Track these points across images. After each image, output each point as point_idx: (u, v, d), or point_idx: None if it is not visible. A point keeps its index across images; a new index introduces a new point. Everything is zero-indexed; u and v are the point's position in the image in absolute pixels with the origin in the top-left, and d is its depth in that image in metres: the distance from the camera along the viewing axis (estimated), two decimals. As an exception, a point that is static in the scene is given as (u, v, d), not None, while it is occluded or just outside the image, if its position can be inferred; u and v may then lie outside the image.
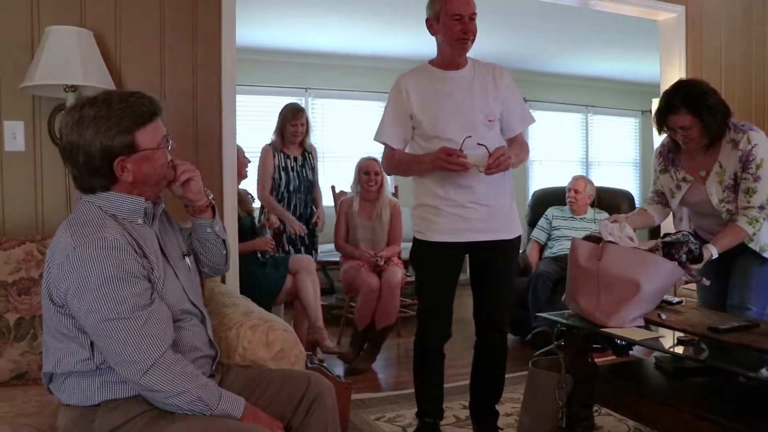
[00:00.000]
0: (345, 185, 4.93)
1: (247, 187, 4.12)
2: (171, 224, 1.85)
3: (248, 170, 3.93)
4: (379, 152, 2.73)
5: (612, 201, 4.72)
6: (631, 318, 2.24)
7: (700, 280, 2.52)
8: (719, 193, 2.52)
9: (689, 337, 2.16)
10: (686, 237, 2.37)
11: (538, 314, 3.26)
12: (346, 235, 4.34)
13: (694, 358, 2.14)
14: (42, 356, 1.67)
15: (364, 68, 6.81)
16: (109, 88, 2.38)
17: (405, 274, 4.29)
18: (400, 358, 4.28)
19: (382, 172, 4.20)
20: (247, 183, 4.06)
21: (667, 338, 2.26)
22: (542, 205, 4.82)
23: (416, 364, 2.65)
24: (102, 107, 1.58)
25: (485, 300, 2.61)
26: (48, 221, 2.64)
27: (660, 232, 3.60)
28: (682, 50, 4.21)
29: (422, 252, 2.58)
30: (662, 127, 2.52)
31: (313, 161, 4.30)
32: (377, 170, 4.21)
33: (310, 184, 4.27)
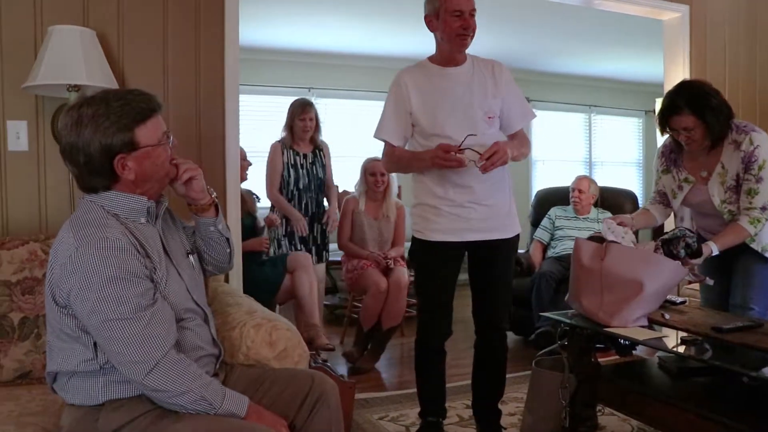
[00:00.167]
0: (348, 185, 4.92)
1: (253, 187, 4.11)
2: (174, 222, 1.85)
3: (248, 173, 3.87)
4: (383, 152, 2.72)
5: (615, 201, 4.71)
6: (635, 318, 2.24)
7: (703, 280, 2.53)
8: (721, 194, 2.51)
9: (692, 336, 2.16)
10: (682, 231, 2.38)
11: (542, 314, 3.26)
12: (350, 235, 4.31)
13: (698, 358, 2.14)
14: (46, 355, 1.67)
15: (368, 68, 6.80)
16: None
17: (409, 275, 4.26)
18: (404, 357, 4.27)
19: (388, 173, 4.18)
20: (252, 183, 4.03)
21: (671, 338, 2.26)
22: (545, 204, 4.81)
23: (417, 364, 2.65)
24: (100, 106, 1.57)
25: (484, 299, 2.61)
26: (51, 221, 2.65)
27: (662, 232, 3.60)
28: (686, 50, 4.19)
29: (422, 251, 2.57)
30: (665, 127, 2.52)
31: (325, 159, 4.20)
32: (383, 171, 4.15)
33: (321, 183, 4.17)
